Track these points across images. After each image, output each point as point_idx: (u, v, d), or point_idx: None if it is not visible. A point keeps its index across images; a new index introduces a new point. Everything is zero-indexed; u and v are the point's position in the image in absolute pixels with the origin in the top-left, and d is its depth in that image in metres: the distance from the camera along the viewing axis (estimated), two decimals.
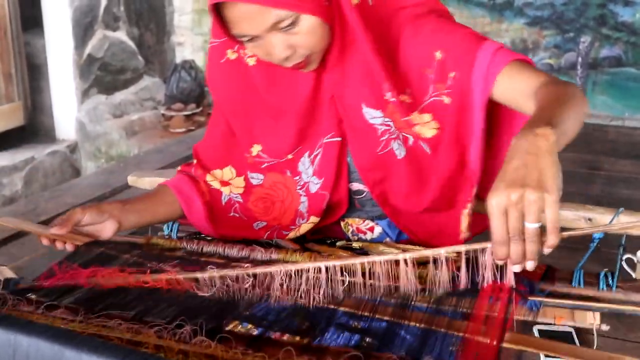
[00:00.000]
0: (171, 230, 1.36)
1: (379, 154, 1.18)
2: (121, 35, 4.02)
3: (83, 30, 3.76)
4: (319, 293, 0.97)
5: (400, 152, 1.17)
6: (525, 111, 1.03)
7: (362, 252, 1.19)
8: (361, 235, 1.31)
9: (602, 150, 3.70)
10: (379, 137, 1.16)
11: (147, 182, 1.55)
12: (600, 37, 4.01)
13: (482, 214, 0.98)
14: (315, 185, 1.23)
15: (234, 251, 1.14)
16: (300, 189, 1.25)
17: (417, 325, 0.90)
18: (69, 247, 1.19)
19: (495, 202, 0.80)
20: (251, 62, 1.18)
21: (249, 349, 0.85)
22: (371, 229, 1.30)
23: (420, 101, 1.14)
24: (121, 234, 1.26)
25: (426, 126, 1.14)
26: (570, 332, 0.94)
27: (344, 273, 0.98)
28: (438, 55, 1.10)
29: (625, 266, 2.08)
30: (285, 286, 0.98)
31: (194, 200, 1.27)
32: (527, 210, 0.80)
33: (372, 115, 1.15)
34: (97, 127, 3.85)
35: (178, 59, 4.45)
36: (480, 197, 1.21)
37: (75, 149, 3.84)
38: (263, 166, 1.26)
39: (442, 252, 0.95)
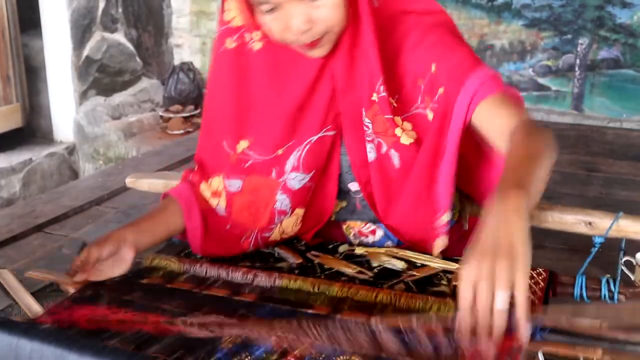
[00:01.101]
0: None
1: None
2: (119, 37, 4.02)
3: (81, 32, 3.75)
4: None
5: (370, 156, 1.18)
6: (496, 146, 1.06)
7: (365, 259, 1.20)
8: (363, 238, 1.30)
9: (600, 152, 3.70)
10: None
11: (145, 183, 1.51)
12: (598, 39, 4.02)
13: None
14: (299, 182, 1.20)
15: (237, 275, 1.11)
16: (281, 188, 1.21)
17: None
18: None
19: (466, 273, 0.81)
20: (257, 46, 1.15)
21: None
22: (373, 232, 1.29)
23: (407, 110, 1.14)
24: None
25: (406, 132, 1.14)
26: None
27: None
28: (433, 68, 1.10)
29: (624, 269, 2.09)
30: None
31: (192, 207, 1.21)
32: (497, 280, 0.80)
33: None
34: (95, 129, 3.84)
35: (176, 61, 4.45)
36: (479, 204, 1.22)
37: (74, 150, 3.84)
38: (247, 164, 1.20)
39: (414, 319, 0.90)
